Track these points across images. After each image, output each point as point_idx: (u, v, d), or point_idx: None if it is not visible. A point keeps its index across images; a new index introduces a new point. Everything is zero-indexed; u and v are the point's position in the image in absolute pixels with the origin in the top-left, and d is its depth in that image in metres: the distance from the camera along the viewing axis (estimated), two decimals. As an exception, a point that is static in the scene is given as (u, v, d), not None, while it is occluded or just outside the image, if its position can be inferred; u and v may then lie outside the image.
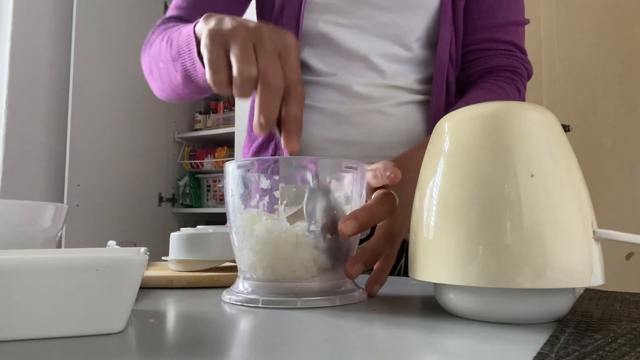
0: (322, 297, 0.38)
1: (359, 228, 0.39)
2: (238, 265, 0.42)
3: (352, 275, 0.40)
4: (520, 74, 0.70)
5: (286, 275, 0.39)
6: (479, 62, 0.71)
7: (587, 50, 1.88)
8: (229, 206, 0.41)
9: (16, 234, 0.40)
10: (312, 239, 0.39)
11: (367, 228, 0.40)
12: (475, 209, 0.31)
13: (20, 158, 1.92)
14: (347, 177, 0.41)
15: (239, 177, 0.41)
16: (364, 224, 0.39)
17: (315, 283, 0.39)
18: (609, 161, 1.81)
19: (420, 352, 0.26)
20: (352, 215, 0.39)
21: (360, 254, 0.41)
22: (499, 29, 0.71)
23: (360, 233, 0.40)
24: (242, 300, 0.38)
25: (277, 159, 0.40)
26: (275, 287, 0.39)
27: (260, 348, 0.26)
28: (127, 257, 0.29)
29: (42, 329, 0.27)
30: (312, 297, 0.38)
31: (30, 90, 1.96)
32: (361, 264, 0.40)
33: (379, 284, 0.44)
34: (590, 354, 0.24)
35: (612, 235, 0.31)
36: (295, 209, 0.39)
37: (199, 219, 2.56)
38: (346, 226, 0.38)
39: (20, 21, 1.93)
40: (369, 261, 0.41)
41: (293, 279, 0.38)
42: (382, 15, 0.68)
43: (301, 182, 0.40)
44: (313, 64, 0.70)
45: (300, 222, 0.39)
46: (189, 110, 2.70)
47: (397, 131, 0.69)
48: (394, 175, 0.41)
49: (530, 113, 0.33)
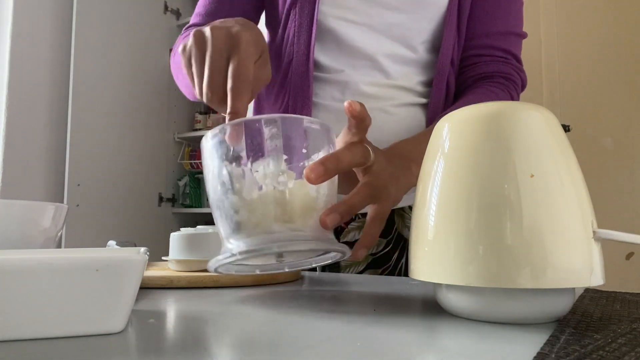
0: (299, 240, 0.37)
1: (324, 172, 0.38)
2: (220, 235, 0.41)
3: (326, 224, 0.39)
4: (514, 81, 0.71)
5: (263, 230, 0.38)
6: (475, 67, 0.72)
7: (587, 50, 1.88)
8: (210, 180, 0.41)
9: (16, 234, 0.40)
10: (285, 192, 0.38)
11: (334, 174, 0.40)
12: (475, 209, 0.31)
13: (20, 158, 1.92)
14: (311, 134, 0.41)
15: (212, 148, 0.41)
16: (329, 169, 0.39)
17: (292, 233, 0.38)
18: (609, 161, 1.81)
19: (420, 352, 0.26)
20: (319, 160, 0.39)
21: (336, 205, 0.41)
22: (497, 37, 0.72)
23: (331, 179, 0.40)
24: (220, 259, 0.38)
25: (242, 122, 0.40)
26: (251, 241, 0.38)
27: (260, 348, 0.26)
28: (127, 257, 0.29)
29: (42, 329, 0.27)
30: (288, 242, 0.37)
31: (30, 90, 1.96)
32: (337, 213, 0.40)
33: (366, 247, 0.43)
34: (590, 354, 0.24)
35: (612, 235, 0.31)
36: (264, 167, 0.39)
37: (199, 219, 2.56)
38: (311, 170, 0.38)
39: (20, 21, 1.93)
40: (344, 212, 0.40)
41: (268, 231, 0.38)
42: (392, 15, 0.68)
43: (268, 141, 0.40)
44: (320, 60, 0.70)
45: (269, 180, 0.38)
46: (189, 110, 2.70)
47: (399, 130, 0.69)
48: (348, 104, 0.43)
49: (530, 113, 0.33)
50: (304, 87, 0.69)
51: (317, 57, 0.70)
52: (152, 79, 2.42)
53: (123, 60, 2.29)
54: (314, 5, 0.68)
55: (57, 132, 2.05)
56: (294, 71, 0.69)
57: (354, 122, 0.45)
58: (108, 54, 2.21)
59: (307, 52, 0.68)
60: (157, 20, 2.52)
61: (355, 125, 0.45)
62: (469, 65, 0.73)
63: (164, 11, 2.57)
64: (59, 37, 2.07)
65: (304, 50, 0.68)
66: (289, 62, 0.70)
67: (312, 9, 0.68)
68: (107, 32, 2.22)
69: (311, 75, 0.68)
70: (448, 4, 0.69)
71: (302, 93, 0.69)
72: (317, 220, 0.39)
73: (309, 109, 0.68)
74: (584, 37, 1.89)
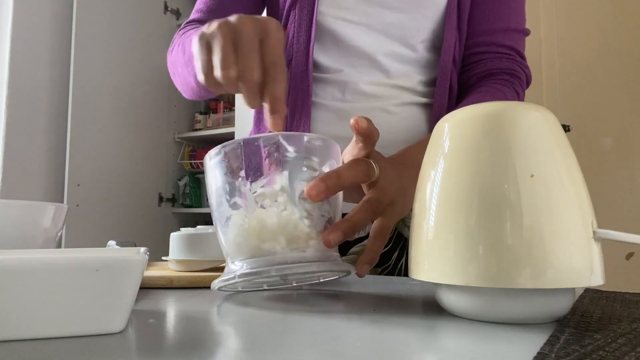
0: (300, 263, 0.37)
1: (326, 190, 0.39)
2: (225, 256, 0.42)
3: (329, 242, 0.39)
4: (519, 77, 0.71)
5: (264, 250, 0.38)
6: (479, 65, 0.72)
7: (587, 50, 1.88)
8: (212, 199, 0.41)
9: (16, 234, 0.40)
10: (285, 212, 0.38)
11: (335, 191, 0.40)
12: (475, 209, 0.31)
13: (20, 158, 1.92)
14: (312, 150, 0.41)
15: (214, 166, 0.41)
16: (331, 186, 0.39)
17: (294, 253, 0.38)
18: (609, 161, 1.81)
19: (420, 352, 0.26)
20: (319, 178, 0.39)
21: (339, 223, 0.41)
22: (500, 34, 0.72)
23: (331, 196, 0.40)
24: (224, 281, 0.38)
25: (241, 142, 0.40)
26: (253, 262, 0.38)
27: (260, 348, 0.26)
28: (127, 257, 0.29)
29: (42, 329, 0.27)
30: (289, 264, 0.37)
31: (30, 90, 1.96)
32: (339, 231, 0.40)
33: (369, 264, 0.43)
34: (590, 354, 0.24)
35: (612, 235, 0.31)
36: (264, 187, 0.39)
37: (199, 219, 2.56)
38: (312, 188, 0.38)
39: (20, 21, 1.93)
40: (347, 230, 0.40)
41: (269, 253, 0.38)
42: (390, 14, 0.68)
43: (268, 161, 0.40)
44: (320, 60, 0.70)
45: (268, 200, 0.38)
46: (189, 110, 2.70)
47: (400, 130, 0.69)
48: (354, 121, 0.42)
49: (530, 113, 0.33)
50: (303, 87, 0.69)
51: (316, 57, 0.70)
52: (152, 79, 2.42)
53: (123, 60, 2.29)
54: (313, 6, 0.68)
55: (57, 132, 2.05)
56: (293, 71, 0.69)
57: (360, 138, 0.44)
58: (108, 54, 2.21)
59: (306, 52, 0.68)
60: (157, 20, 2.52)
61: (362, 140, 0.44)
62: (472, 63, 0.73)
63: (164, 11, 2.57)
64: (59, 37, 2.06)
65: (303, 50, 0.69)
66: (288, 63, 0.70)
67: (312, 9, 0.68)
68: (107, 32, 2.22)
69: (311, 75, 0.68)
70: (447, 3, 0.69)
71: (302, 93, 0.69)
72: (320, 240, 0.39)
73: (308, 108, 0.68)
74: (584, 37, 1.89)
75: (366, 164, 0.44)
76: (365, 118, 0.43)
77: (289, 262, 0.37)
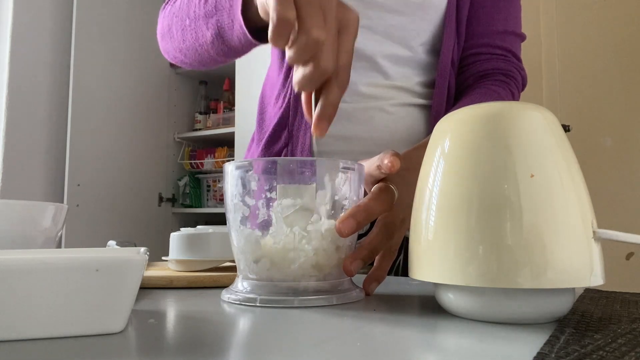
0: (320, 296, 0.38)
1: (357, 226, 0.39)
2: (237, 265, 0.42)
3: (351, 272, 0.40)
4: (514, 78, 0.72)
5: (285, 275, 0.39)
6: (475, 65, 0.73)
7: (587, 50, 1.88)
8: (229, 207, 0.41)
9: (16, 234, 0.40)
10: (310, 239, 0.39)
11: (364, 225, 0.40)
12: (475, 209, 0.31)
13: (20, 158, 1.92)
14: (344, 177, 0.41)
15: (237, 177, 0.41)
16: (361, 222, 0.39)
17: (313, 282, 0.39)
18: (609, 161, 1.81)
19: (420, 352, 0.26)
20: (349, 214, 0.39)
21: (358, 251, 0.41)
22: (496, 35, 0.73)
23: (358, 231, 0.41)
24: (241, 299, 0.39)
25: (276, 160, 0.40)
26: (274, 287, 0.39)
27: (260, 348, 0.26)
28: (127, 257, 0.29)
29: (42, 329, 0.27)
30: (310, 296, 0.38)
31: (30, 90, 1.96)
32: (360, 260, 0.40)
33: (377, 281, 0.43)
34: (590, 354, 0.24)
35: (612, 235, 0.31)
36: (293, 209, 0.39)
37: (199, 219, 2.56)
38: (344, 225, 0.38)
39: (20, 21, 1.93)
40: (367, 257, 0.41)
41: (292, 279, 0.39)
42: (392, 17, 0.69)
43: (299, 182, 0.40)
44: None
45: (297, 223, 0.39)
46: (189, 110, 2.70)
47: (398, 129, 0.70)
48: (390, 164, 0.41)
49: (530, 113, 0.33)
50: None
51: None
52: (152, 79, 2.42)
53: (123, 60, 2.28)
54: None
55: (57, 132, 2.05)
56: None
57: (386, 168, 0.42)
58: (108, 54, 2.21)
59: None
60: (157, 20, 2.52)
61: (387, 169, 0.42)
62: (468, 64, 0.74)
63: (164, 11, 2.57)
64: (59, 37, 2.06)
65: None
66: None
67: None
68: (108, 32, 2.22)
69: None
70: (446, 6, 0.70)
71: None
72: (337, 266, 0.40)
73: None
74: (584, 37, 1.89)
75: (390, 193, 0.43)
76: (399, 159, 0.42)
77: (310, 290, 0.39)
